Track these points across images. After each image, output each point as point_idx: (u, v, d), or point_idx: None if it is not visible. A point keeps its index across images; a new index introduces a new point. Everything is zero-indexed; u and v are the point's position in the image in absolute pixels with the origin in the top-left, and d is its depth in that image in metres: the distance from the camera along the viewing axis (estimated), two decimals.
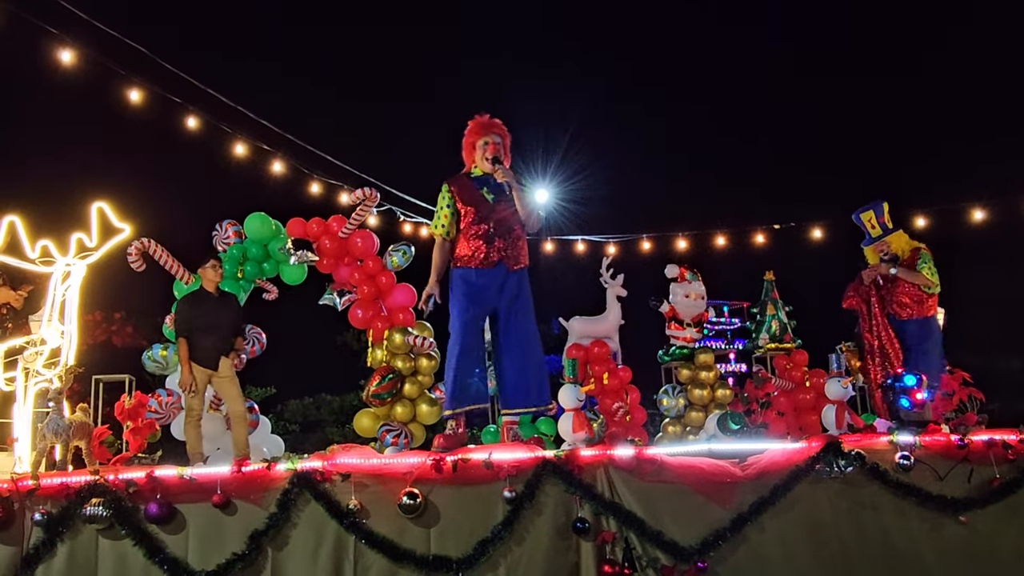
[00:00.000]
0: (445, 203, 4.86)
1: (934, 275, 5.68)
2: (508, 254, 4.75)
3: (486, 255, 4.74)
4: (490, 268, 4.74)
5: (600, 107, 17.55)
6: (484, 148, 4.80)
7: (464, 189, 4.84)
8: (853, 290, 5.92)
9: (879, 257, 5.85)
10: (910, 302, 5.69)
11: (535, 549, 3.85)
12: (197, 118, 7.98)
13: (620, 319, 6.04)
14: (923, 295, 5.66)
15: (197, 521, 4.02)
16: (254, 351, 5.54)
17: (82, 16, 7.12)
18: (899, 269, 5.68)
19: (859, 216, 5.97)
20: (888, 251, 5.81)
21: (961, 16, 15.65)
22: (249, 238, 5.49)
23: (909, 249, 5.83)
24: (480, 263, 4.74)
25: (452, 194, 4.84)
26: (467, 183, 4.83)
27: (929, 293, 5.67)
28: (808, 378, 5.91)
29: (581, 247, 10.80)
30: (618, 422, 5.47)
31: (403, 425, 5.14)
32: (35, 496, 4.09)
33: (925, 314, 5.68)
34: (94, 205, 5.02)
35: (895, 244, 5.83)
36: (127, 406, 5.07)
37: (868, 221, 5.93)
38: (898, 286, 5.71)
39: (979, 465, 4.16)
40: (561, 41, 19.58)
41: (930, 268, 5.69)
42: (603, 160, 13.27)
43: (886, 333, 5.65)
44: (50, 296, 4.93)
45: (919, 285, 5.63)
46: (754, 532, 3.89)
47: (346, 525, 3.88)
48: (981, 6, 15.44)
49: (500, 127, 4.90)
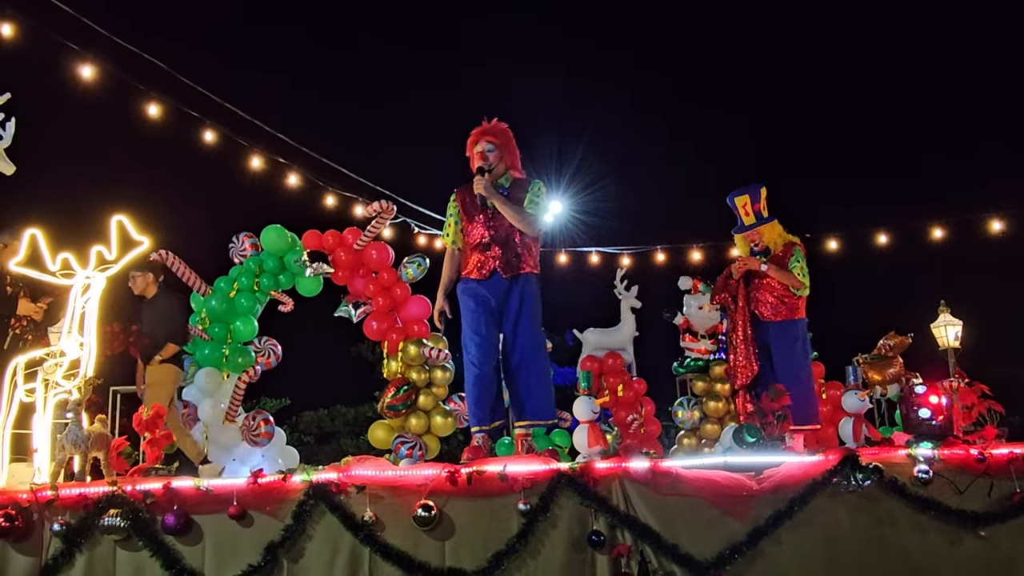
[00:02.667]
0: (450, 213, 4.94)
1: (805, 276, 5.20)
2: (504, 262, 4.74)
3: (482, 264, 4.76)
4: (485, 279, 4.75)
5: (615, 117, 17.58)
6: (476, 159, 4.84)
7: (466, 199, 4.88)
8: (720, 285, 5.43)
9: (749, 248, 5.39)
10: (775, 301, 5.21)
11: (550, 562, 3.83)
12: (214, 132, 8.08)
13: (634, 331, 6.03)
14: (791, 295, 5.20)
15: (213, 532, 4.04)
16: (269, 363, 5.57)
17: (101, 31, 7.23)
18: (769, 266, 5.20)
19: (733, 200, 5.39)
20: (760, 242, 5.34)
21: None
22: (265, 250, 5.53)
23: (782, 243, 5.31)
24: (477, 273, 4.77)
25: (457, 204, 4.90)
26: (470, 194, 4.86)
27: (797, 295, 5.22)
28: (824, 390, 5.87)
29: (595, 259, 10.79)
30: (633, 434, 5.45)
31: (418, 437, 5.14)
32: (54, 507, 4.12)
33: (791, 316, 5.22)
34: (114, 218, 5.08)
35: (768, 235, 5.32)
36: (144, 417, 5.11)
37: (743, 207, 5.34)
38: (764, 283, 5.25)
39: (999, 479, 4.10)
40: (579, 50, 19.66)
41: (802, 268, 5.21)
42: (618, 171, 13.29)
43: (743, 332, 5.21)
44: (70, 308, 4.98)
45: (788, 286, 5.18)
46: (771, 546, 3.85)
47: (361, 537, 3.88)
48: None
49: (493, 132, 4.86)
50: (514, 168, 4.91)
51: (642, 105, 18.17)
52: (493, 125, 4.89)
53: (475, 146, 4.86)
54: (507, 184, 4.84)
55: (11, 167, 5.14)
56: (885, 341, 5.82)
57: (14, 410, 4.79)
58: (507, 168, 4.88)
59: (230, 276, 5.54)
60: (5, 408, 4.77)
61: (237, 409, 5.36)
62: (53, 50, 7.18)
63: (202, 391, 5.34)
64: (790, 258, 5.23)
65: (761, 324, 5.26)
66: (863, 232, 10.32)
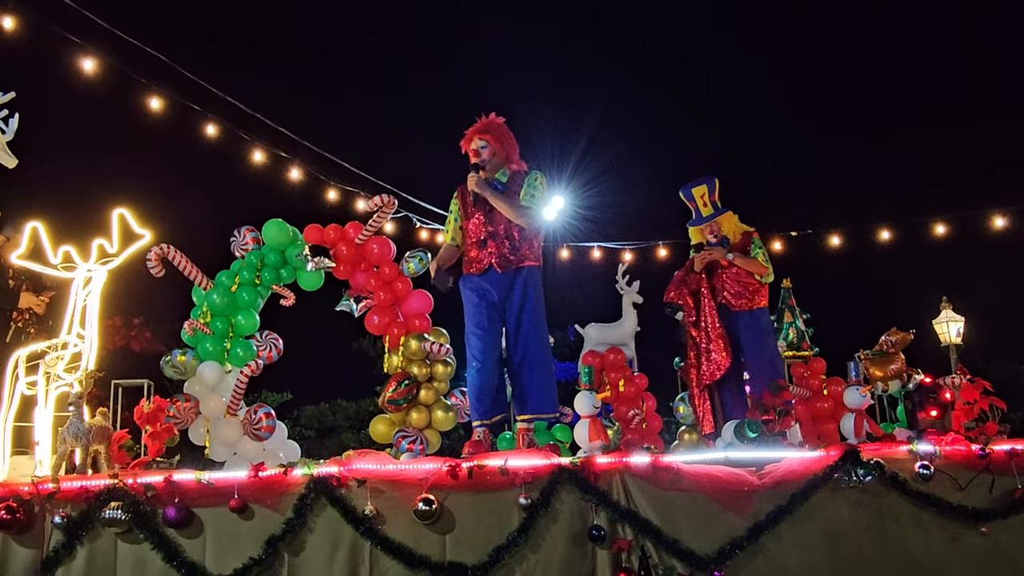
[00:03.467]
0: (451, 210, 5.00)
1: (768, 262, 5.22)
2: (499, 257, 4.76)
3: (479, 261, 4.80)
4: (481, 274, 4.79)
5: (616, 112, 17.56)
6: (470, 156, 4.86)
7: (465, 196, 4.91)
8: (679, 280, 5.38)
9: (706, 240, 5.34)
10: (742, 290, 5.20)
11: (551, 556, 3.84)
12: (216, 125, 8.07)
13: (636, 326, 6.02)
14: (755, 283, 5.19)
15: (214, 525, 4.05)
16: (271, 357, 5.57)
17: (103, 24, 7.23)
18: (735, 254, 5.18)
19: (689, 191, 5.33)
20: (719, 233, 5.29)
21: None
22: (267, 244, 5.52)
23: (739, 232, 5.29)
24: (475, 268, 4.81)
25: (458, 201, 4.92)
26: (468, 191, 4.89)
27: (762, 282, 5.22)
28: (826, 386, 5.86)
29: (597, 254, 10.78)
30: (634, 429, 5.45)
31: (419, 431, 5.14)
32: (55, 499, 4.13)
33: (756, 305, 5.22)
34: (115, 212, 5.08)
35: (726, 225, 5.29)
36: (146, 411, 5.11)
37: (700, 197, 5.28)
38: (727, 273, 5.22)
39: (1001, 475, 4.10)
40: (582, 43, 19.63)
41: (764, 254, 5.22)
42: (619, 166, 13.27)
43: (714, 326, 5.16)
44: (72, 301, 4.99)
45: (754, 273, 5.16)
46: (771, 541, 3.86)
47: (362, 531, 3.89)
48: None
49: (486, 128, 4.87)
50: (511, 161, 4.91)
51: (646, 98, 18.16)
52: (486, 121, 4.89)
53: (469, 144, 4.89)
54: (504, 179, 4.84)
55: (13, 160, 5.14)
56: (887, 337, 5.82)
57: (16, 403, 4.80)
58: (503, 162, 4.88)
59: (231, 270, 5.53)
60: (7, 401, 4.78)
61: (238, 403, 5.35)
62: (54, 43, 7.18)
63: (204, 385, 5.34)
64: (751, 246, 5.22)
65: (730, 314, 5.23)
66: (865, 228, 10.32)
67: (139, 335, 11.79)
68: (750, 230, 5.34)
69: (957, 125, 16.28)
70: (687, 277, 5.36)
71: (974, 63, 16.64)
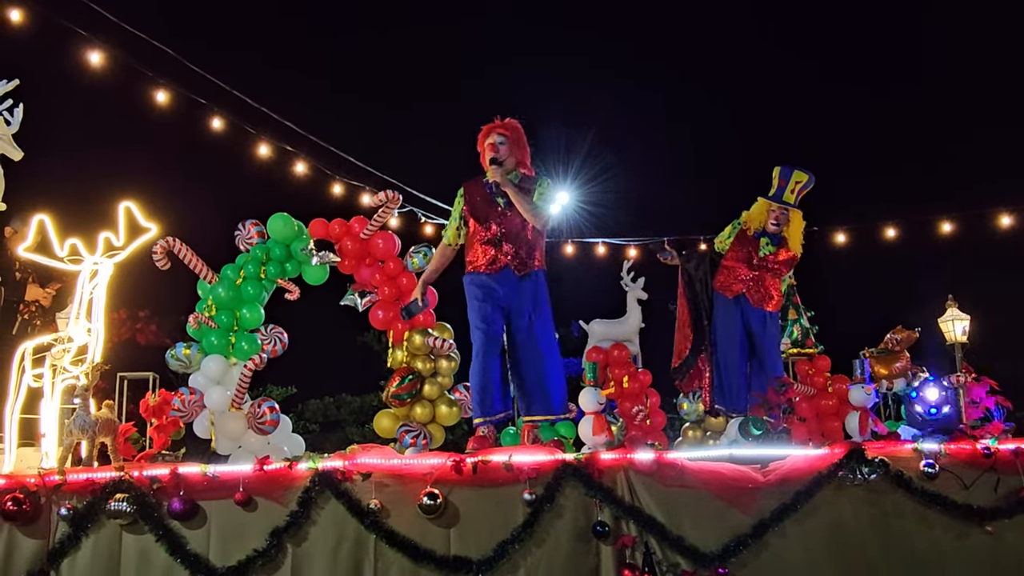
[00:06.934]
0: (455, 209, 4.98)
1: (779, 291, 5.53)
2: (516, 259, 4.77)
3: (494, 259, 4.79)
4: (496, 273, 4.78)
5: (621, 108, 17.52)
6: (487, 151, 4.85)
7: (476, 193, 4.89)
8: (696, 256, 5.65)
9: (767, 222, 5.37)
10: (776, 296, 5.47)
11: (555, 552, 3.84)
12: (222, 119, 8.08)
13: (641, 322, 6.02)
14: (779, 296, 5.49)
15: (219, 518, 4.06)
16: (276, 351, 5.57)
17: (109, 17, 7.23)
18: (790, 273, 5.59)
19: (790, 171, 5.35)
20: (784, 222, 5.37)
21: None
22: (272, 238, 5.52)
23: (798, 247, 5.44)
24: (487, 267, 4.80)
25: (464, 199, 4.91)
26: (480, 188, 4.89)
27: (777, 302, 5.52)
28: (831, 384, 5.85)
29: (601, 250, 10.78)
30: (638, 426, 5.44)
31: (422, 426, 5.15)
32: (61, 491, 4.15)
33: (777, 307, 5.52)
34: (121, 205, 5.08)
35: (794, 224, 5.40)
36: (151, 403, 5.13)
37: (795, 183, 5.34)
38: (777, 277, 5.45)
39: (1006, 474, 4.09)
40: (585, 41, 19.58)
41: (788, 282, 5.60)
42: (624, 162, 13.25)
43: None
44: (78, 294, 5.00)
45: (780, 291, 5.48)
46: (776, 538, 3.85)
47: (366, 524, 3.90)
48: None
49: (504, 125, 4.90)
50: (523, 165, 4.95)
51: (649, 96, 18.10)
52: (506, 121, 4.92)
53: (486, 139, 4.89)
54: (516, 180, 4.86)
55: (19, 153, 5.15)
56: (892, 335, 5.81)
57: (22, 395, 4.82)
58: (516, 164, 4.91)
59: (236, 264, 5.53)
60: (13, 393, 4.80)
61: (243, 397, 5.36)
62: (61, 36, 7.19)
63: (208, 378, 5.35)
64: (790, 274, 5.53)
65: (754, 310, 5.41)
66: (871, 226, 10.29)
67: (144, 328, 11.84)
68: (798, 255, 5.46)
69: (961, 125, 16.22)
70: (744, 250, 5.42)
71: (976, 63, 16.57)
